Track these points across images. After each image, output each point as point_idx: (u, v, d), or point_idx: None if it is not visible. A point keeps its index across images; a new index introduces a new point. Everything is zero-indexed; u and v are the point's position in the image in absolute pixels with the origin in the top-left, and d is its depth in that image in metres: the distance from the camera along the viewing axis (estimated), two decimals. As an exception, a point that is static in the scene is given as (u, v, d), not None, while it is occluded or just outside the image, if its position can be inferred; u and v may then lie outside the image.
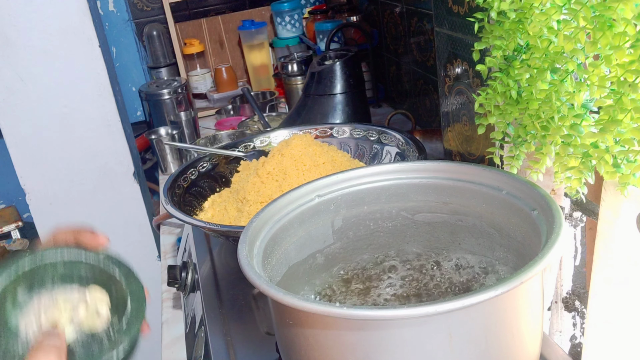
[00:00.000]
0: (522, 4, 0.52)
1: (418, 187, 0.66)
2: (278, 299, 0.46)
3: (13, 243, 2.03)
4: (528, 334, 0.50)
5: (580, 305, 0.69)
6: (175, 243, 1.20)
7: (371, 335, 0.45)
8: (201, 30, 1.95)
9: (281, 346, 0.55)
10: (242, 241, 0.55)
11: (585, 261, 0.68)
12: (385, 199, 0.67)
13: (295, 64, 1.57)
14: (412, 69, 1.38)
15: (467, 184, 0.63)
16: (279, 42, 1.89)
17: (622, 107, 0.44)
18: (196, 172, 1.02)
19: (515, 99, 0.56)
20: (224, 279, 0.91)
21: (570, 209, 0.67)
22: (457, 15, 0.79)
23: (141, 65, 1.98)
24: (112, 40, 1.91)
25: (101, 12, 1.87)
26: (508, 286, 0.43)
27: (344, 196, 0.66)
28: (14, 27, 1.51)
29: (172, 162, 1.50)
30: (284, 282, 0.61)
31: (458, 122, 0.87)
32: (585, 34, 0.46)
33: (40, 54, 1.54)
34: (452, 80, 0.85)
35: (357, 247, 0.69)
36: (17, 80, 1.54)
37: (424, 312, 0.42)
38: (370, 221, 0.68)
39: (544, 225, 0.51)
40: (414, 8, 1.29)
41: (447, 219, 0.65)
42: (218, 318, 0.81)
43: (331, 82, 1.26)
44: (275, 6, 1.86)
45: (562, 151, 0.51)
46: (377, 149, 1.05)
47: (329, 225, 0.67)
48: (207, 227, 0.81)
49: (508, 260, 0.61)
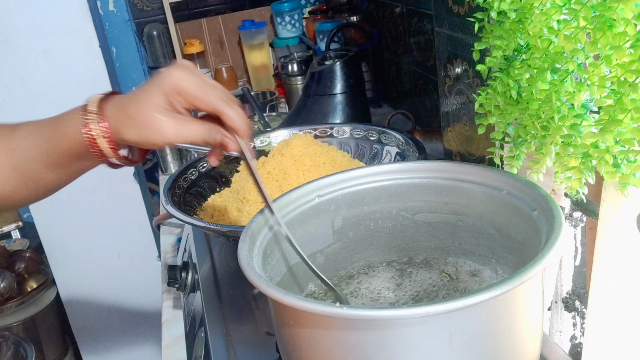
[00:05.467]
0: (522, 4, 0.52)
1: (418, 187, 0.66)
2: (278, 299, 0.46)
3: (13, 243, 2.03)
4: (528, 334, 0.50)
5: (580, 305, 0.69)
6: (175, 243, 1.20)
7: (371, 335, 0.45)
8: (201, 30, 1.95)
9: (281, 346, 0.55)
10: (242, 241, 0.55)
11: (585, 261, 0.68)
12: (385, 199, 0.67)
13: (295, 64, 1.56)
14: (412, 69, 1.38)
15: (467, 184, 0.63)
16: (279, 42, 1.89)
17: (622, 107, 0.43)
18: (196, 172, 1.02)
19: (515, 99, 0.56)
20: (224, 279, 0.91)
21: (571, 209, 0.67)
22: (457, 15, 0.79)
23: (141, 65, 1.98)
24: (112, 40, 1.91)
25: (101, 12, 1.87)
26: (508, 286, 0.43)
27: (344, 196, 0.66)
28: (14, 27, 1.51)
29: (172, 162, 1.50)
30: (284, 282, 0.61)
31: (458, 122, 0.87)
32: (585, 34, 0.46)
33: (40, 54, 1.54)
34: (452, 80, 0.85)
35: (357, 247, 0.69)
36: (17, 80, 1.54)
37: (424, 312, 0.42)
38: (370, 221, 0.68)
39: (544, 225, 0.51)
40: (414, 8, 1.29)
41: (447, 219, 0.65)
42: (218, 318, 0.81)
43: (331, 82, 1.26)
44: (276, 6, 1.86)
45: (562, 151, 0.51)
46: (377, 149, 1.05)
47: (329, 225, 0.67)
48: (207, 227, 0.81)
49: (508, 260, 0.61)
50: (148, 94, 0.55)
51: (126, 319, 1.83)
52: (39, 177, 0.60)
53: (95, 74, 1.60)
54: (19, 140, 0.59)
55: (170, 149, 1.48)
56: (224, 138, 0.56)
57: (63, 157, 0.59)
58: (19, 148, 0.59)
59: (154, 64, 1.90)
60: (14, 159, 0.59)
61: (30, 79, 1.55)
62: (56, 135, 0.58)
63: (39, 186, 0.61)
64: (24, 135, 0.59)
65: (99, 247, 1.74)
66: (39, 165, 0.59)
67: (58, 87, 1.57)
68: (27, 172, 0.59)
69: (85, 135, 0.56)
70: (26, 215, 2.03)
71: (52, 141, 0.58)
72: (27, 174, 0.60)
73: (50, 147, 0.58)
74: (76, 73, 1.58)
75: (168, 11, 1.77)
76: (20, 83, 1.55)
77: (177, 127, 0.55)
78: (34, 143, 0.59)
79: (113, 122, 0.56)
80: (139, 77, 2.00)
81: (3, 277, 1.78)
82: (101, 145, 0.57)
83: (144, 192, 1.75)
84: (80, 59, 1.58)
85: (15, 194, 0.61)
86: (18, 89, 1.55)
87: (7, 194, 0.60)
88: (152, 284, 1.78)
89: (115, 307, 1.82)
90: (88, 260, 1.74)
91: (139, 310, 1.84)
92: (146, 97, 0.55)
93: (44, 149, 0.58)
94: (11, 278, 1.80)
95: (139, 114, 0.55)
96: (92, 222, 1.71)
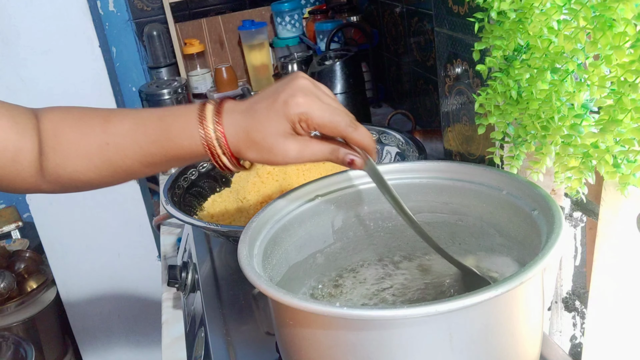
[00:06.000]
0: (522, 4, 0.52)
1: (418, 187, 0.66)
2: (278, 299, 0.46)
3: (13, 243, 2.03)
4: (528, 334, 0.50)
5: (580, 305, 0.69)
6: (175, 243, 1.20)
7: (371, 335, 0.45)
8: (201, 30, 1.95)
9: (281, 346, 0.55)
10: (242, 241, 0.55)
11: (585, 261, 0.68)
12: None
13: (295, 64, 1.56)
14: (412, 69, 1.38)
15: (467, 184, 0.63)
16: (279, 42, 1.89)
17: (622, 107, 0.44)
18: (196, 172, 1.02)
19: (515, 99, 0.56)
20: (224, 279, 0.91)
21: (571, 209, 0.67)
22: (457, 15, 0.79)
23: (141, 65, 1.98)
24: (112, 40, 1.91)
25: (101, 12, 1.87)
26: (508, 286, 0.43)
27: (344, 196, 0.66)
28: (14, 27, 1.51)
29: (172, 162, 1.50)
30: (284, 282, 0.61)
31: (458, 122, 0.87)
32: (585, 34, 0.46)
33: (40, 54, 1.54)
34: (452, 80, 0.85)
35: (357, 247, 0.69)
36: (17, 80, 1.54)
37: (424, 312, 0.42)
38: (370, 221, 0.68)
39: (544, 225, 0.51)
40: (414, 8, 1.29)
41: (447, 219, 0.65)
42: (218, 318, 0.81)
43: (331, 82, 1.26)
44: (275, 6, 1.86)
45: (562, 151, 0.51)
46: (377, 149, 1.05)
47: (329, 225, 0.67)
48: (207, 227, 0.81)
49: (508, 261, 0.61)
50: (273, 120, 0.53)
51: (126, 319, 1.83)
52: (132, 172, 0.59)
53: (95, 74, 1.60)
54: (115, 137, 0.57)
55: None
56: (349, 156, 0.55)
57: (169, 160, 0.57)
58: (115, 145, 0.57)
59: (154, 64, 1.90)
60: (109, 154, 0.57)
61: (30, 79, 1.55)
62: (164, 140, 0.56)
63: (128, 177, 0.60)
64: (122, 133, 0.57)
65: (99, 247, 1.74)
66: (137, 164, 0.58)
67: (58, 87, 1.57)
68: (121, 166, 0.58)
69: (206, 149, 0.55)
70: (26, 215, 2.03)
71: (158, 144, 0.56)
72: (121, 168, 0.58)
73: (156, 150, 0.56)
74: (76, 73, 1.58)
75: (168, 11, 1.77)
76: (21, 83, 1.55)
77: (300, 149, 0.54)
78: (134, 142, 0.57)
79: (234, 142, 0.54)
80: (139, 77, 2.00)
81: (3, 277, 1.78)
82: (222, 160, 0.55)
83: (144, 192, 1.75)
84: (80, 59, 1.58)
85: (99, 181, 0.60)
86: (18, 89, 1.55)
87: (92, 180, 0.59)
88: (152, 284, 1.78)
89: (115, 307, 1.82)
90: (88, 260, 1.74)
91: (139, 310, 1.84)
92: (270, 124, 0.53)
93: (147, 151, 0.57)
94: (11, 278, 1.80)
95: (263, 141, 0.53)
96: (92, 222, 1.71)
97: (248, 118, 0.54)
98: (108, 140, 0.57)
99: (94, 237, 1.73)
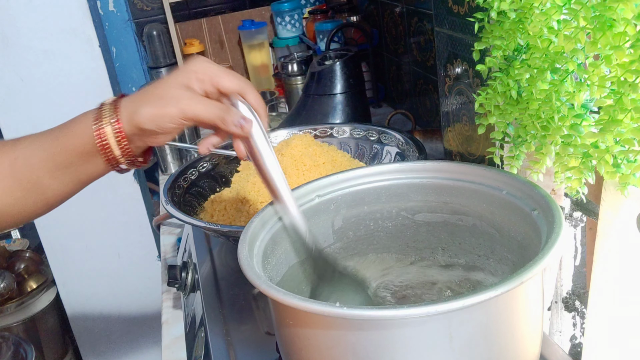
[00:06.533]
0: (522, 4, 0.52)
1: (418, 187, 0.66)
2: (278, 299, 0.46)
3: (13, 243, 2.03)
4: (528, 334, 0.50)
5: (580, 305, 0.69)
6: (175, 243, 1.20)
7: (371, 335, 0.45)
8: (201, 30, 1.95)
9: (281, 346, 0.55)
10: (242, 241, 0.55)
11: (585, 261, 0.68)
12: (385, 199, 0.67)
13: (295, 64, 1.56)
14: (412, 69, 1.38)
15: (467, 184, 0.63)
16: (279, 42, 1.89)
17: (622, 107, 0.44)
18: (196, 172, 1.02)
19: (515, 99, 0.56)
20: (224, 279, 0.91)
21: (570, 209, 0.67)
22: (457, 15, 0.79)
23: (141, 65, 1.98)
24: (112, 40, 1.91)
25: (101, 12, 1.87)
26: (508, 286, 0.43)
27: (344, 196, 0.66)
28: (14, 27, 1.51)
29: (172, 162, 1.50)
30: (284, 282, 0.61)
31: (458, 122, 0.87)
32: (585, 34, 0.46)
33: (40, 54, 1.54)
34: (452, 80, 0.85)
35: (357, 247, 0.69)
36: (17, 80, 1.54)
37: (424, 312, 0.42)
38: (370, 221, 0.68)
39: (544, 225, 0.51)
40: (414, 8, 1.29)
41: (447, 219, 0.65)
42: (218, 318, 0.81)
43: (331, 82, 1.26)
44: (275, 6, 1.86)
45: (562, 151, 0.51)
46: (377, 149, 1.05)
47: (329, 225, 0.67)
48: (207, 227, 0.81)
49: (508, 260, 0.61)
50: (168, 76, 0.58)
51: (126, 319, 1.83)
52: (42, 185, 0.60)
53: (95, 74, 1.60)
54: (21, 150, 0.60)
55: (171, 149, 1.48)
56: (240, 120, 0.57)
57: (69, 156, 0.59)
58: (22, 157, 0.59)
59: (154, 64, 1.90)
60: (17, 168, 0.59)
61: (30, 79, 1.55)
62: (63, 135, 0.59)
63: (42, 197, 0.62)
64: (26, 145, 0.60)
65: (99, 247, 1.74)
66: (43, 172, 0.59)
67: (58, 87, 1.57)
68: (30, 181, 0.60)
69: (96, 130, 0.57)
70: (26, 215, 2.03)
71: (59, 141, 0.59)
72: (30, 183, 0.60)
73: (56, 148, 0.59)
74: (76, 73, 1.58)
75: (168, 11, 1.77)
76: (21, 83, 1.55)
77: (194, 100, 0.56)
78: (38, 148, 0.59)
79: (129, 108, 0.57)
80: (139, 77, 2.00)
81: (3, 277, 1.78)
82: (110, 141, 0.58)
83: (144, 192, 1.75)
84: (80, 59, 1.58)
85: (16, 207, 0.61)
86: (18, 89, 1.55)
87: (8, 208, 0.61)
88: (152, 284, 1.78)
89: (115, 307, 1.82)
90: (88, 260, 1.74)
91: (139, 310, 1.84)
92: (166, 78, 0.58)
93: (49, 152, 0.59)
94: (11, 278, 1.80)
95: (156, 89, 0.57)
96: (92, 222, 1.71)
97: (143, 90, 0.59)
98: (17, 154, 0.60)
99: (94, 237, 1.73)
